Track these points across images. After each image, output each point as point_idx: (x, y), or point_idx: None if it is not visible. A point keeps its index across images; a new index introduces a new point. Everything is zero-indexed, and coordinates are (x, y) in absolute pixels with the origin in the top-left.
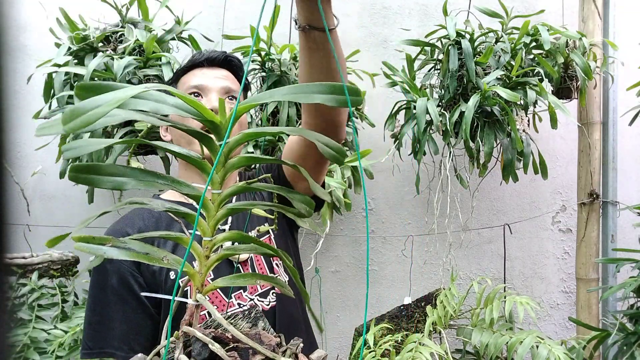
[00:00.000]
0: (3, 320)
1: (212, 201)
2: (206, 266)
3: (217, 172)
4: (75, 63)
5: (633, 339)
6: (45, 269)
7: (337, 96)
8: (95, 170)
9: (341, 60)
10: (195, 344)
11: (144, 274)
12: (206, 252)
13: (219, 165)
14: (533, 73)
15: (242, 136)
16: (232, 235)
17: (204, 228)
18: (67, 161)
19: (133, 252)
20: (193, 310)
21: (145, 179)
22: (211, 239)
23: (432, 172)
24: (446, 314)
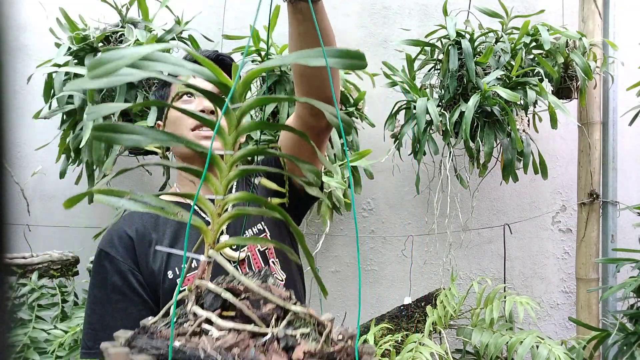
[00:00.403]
0: (3, 320)
1: (225, 162)
2: (218, 223)
3: (230, 134)
4: (75, 63)
5: (633, 339)
6: (45, 269)
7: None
8: (115, 129)
9: (328, 30)
10: (207, 297)
11: (143, 273)
12: (218, 210)
13: (232, 128)
14: (533, 73)
15: (254, 101)
16: (242, 195)
17: (217, 187)
18: (67, 161)
19: (149, 205)
20: (205, 267)
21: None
22: (223, 197)
23: (432, 172)
24: (446, 314)
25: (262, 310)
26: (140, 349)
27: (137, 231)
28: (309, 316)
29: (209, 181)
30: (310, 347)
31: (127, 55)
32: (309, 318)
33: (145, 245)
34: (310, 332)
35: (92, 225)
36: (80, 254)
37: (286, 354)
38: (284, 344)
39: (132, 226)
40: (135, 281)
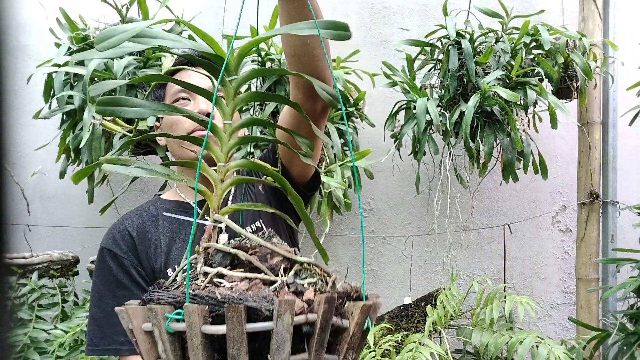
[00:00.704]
0: (3, 320)
1: (224, 131)
2: (221, 189)
3: (228, 104)
4: (75, 63)
5: (633, 339)
6: (45, 269)
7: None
8: (118, 103)
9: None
10: (215, 257)
11: (145, 269)
12: (220, 176)
13: (229, 99)
14: (533, 73)
15: (250, 72)
16: (243, 163)
17: (218, 155)
18: (67, 161)
19: (156, 172)
20: (211, 231)
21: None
22: (224, 164)
23: (432, 172)
24: (446, 314)
25: (270, 262)
26: (157, 300)
27: (137, 228)
28: (315, 267)
29: (210, 150)
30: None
31: (130, 29)
32: (315, 269)
33: (146, 242)
34: (317, 281)
35: (92, 225)
36: (80, 254)
37: (297, 297)
38: (294, 289)
39: (133, 224)
40: (139, 276)
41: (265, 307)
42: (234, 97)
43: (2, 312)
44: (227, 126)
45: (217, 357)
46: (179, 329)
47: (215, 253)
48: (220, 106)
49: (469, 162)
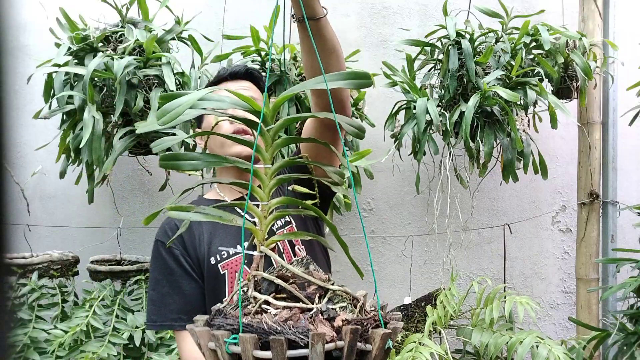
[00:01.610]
0: (3, 320)
1: (265, 174)
2: (265, 224)
3: (267, 151)
4: (75, 63)
5: (633, 339)
6: (45, 269)
7: (353, 80)
8: (178, 158)
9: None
10: (263, 284)
11: (191, 257)
12: (264, 213)
13: (268, 146)
14: (533, 73)
15: (282, 122)
16: (282, 200)
17: (261, 195)
18: (67, 161)
19: (210, 215)
20: (258, 260)
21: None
22: (267, 203)
23: (432, 172)
24: (446, 314)
25: (307, 291)
26: (219, 326)
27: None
28: (345, 293)
29: (255, 192)
30: (347, 317)
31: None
32: (345, 295)
33: (191, 234)
34: (347, 305)
35: (92, 225)
36: (80, 254)
37: (329, 323)
38: (327, 316)
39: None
40: (186, 263)
41: (302, 339)
42: (271, 144)
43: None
44: (267, 170)
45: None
46: (235, 352)
47: (262, 281)
48: (261, 153)
49: (469, 162)
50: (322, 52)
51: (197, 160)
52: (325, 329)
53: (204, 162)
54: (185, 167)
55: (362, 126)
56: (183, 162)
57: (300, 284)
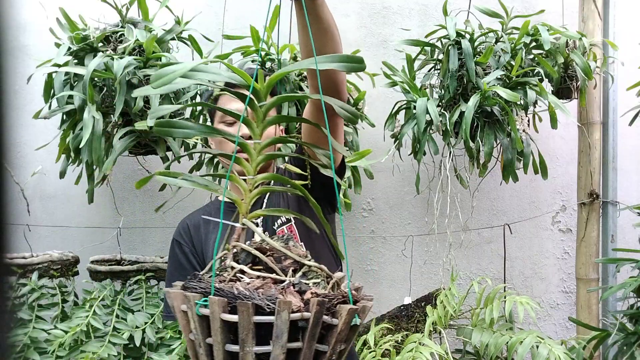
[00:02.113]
0: (3, 320)
1: (254, 149)
2: (249, 197)
3: (257, 127)
4: (75, 63)
5: (633, 339)
6: (45, 269)
7: (345, 63)
8: (172, 125)
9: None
10: (241, 254)
11: (199, 256)
12: (250, 187)
13: (259, 121)
14: (533, 73)
15: (277, 99)
16: (269, 175)
17: (248, 169)
18: (67, 161)
19: (197, 183)
20: (240, 232)
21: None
22: (253, 177)
23: (432, 172)
24: (446, 314)
25: (283, 264)
26: (192, 289)
27: (194, 225)
28: (320, 270)
29: (242, 164)
30: (318, 291)
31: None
32: (320, 271)
33: (199, 234)
34: (321, 282)
35: (92, 225)
36: (80, 254)
37: (299, 295)
38: (298, 289)
39: (192, 220)
40: (195, 261)
41: (268, 306)
42: (262, 120)
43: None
44: (256, 145)
45: (232, 337)
46: (205, 314)
47: (241, 251)
48: (251, 128)
49: (469, 162)
50: (317, 31)
51: (189, 129)
52: (294, 300)
53: (196, 131)
54: (178, 134)
55: (355, 111)
56: (176, 130)
57: (277, 257)
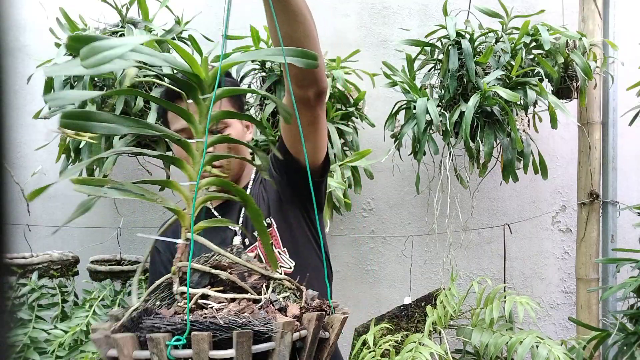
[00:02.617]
0: (3, 320)
1: (197, 149)
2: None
3: (200, 123)
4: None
5: (633, 339)
6: (45, 269)
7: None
8: (89, 117)
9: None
10: (193, 276)
11: None
12: (192, 195)
13: (202, 117)
14: (533, 73)
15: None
16: (213, 180)
17: (190, 173)
18: (67, 161)
19: (130, 193)
20: (183, 249)
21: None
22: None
23: (432, 172)
24: (446, 314)
25: (250, 281)
26: (151, 329)
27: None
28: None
29: (183, 168)
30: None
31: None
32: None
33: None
34: (290, 295)
35: (92, 225)
36: (80, 254)
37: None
38: (278, 306)
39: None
40: None
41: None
42: (206, 115)
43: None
44: (199, 145)
45: None
46: (182, 356)
47: (192, 272)
48: (193, 124)
49: (469, 162)
50: (285, 15)
51: (112, 123)
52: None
53: (123, 127)
54: (98, 130)
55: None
56: (94, 124)
57: (240, 274)
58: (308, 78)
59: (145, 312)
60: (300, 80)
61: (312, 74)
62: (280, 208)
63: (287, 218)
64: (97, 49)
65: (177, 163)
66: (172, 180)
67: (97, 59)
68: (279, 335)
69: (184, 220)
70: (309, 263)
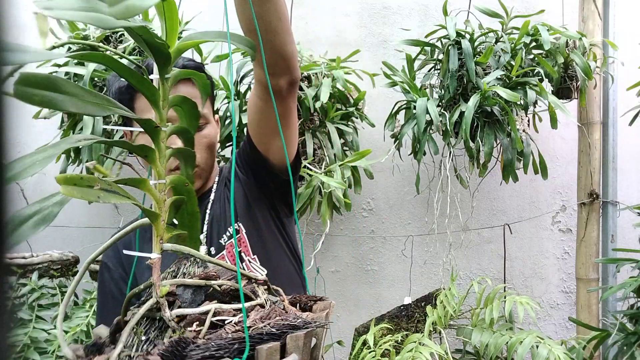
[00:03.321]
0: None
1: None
2: (165, 210)
3: (163, 108)
4: (75, 63)
5: (633, 339)
6: (45, 269)
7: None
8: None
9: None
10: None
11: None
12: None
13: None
14: (533, 73)
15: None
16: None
17: (159, 170)
18: (67, 161)
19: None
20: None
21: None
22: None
23: (432, 172)
24: (446, 314)
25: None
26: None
27: (124, 241)
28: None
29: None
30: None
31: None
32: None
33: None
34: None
35: (92, 225)
36: (80, 254)
37: None
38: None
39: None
40: (126, 287)
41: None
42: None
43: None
44: (163, 133)
45: None
46: None
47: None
48: (157, 108)
49: (469, 162)
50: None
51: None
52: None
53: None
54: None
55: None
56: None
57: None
58: (280, 65)
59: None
60: (271, 67)
61: (285, 61)
62: (248, 211)
63: (255, 222)
64: None
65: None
66: (144, 179)
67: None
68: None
69: (157, 228)
70: (280, 269)
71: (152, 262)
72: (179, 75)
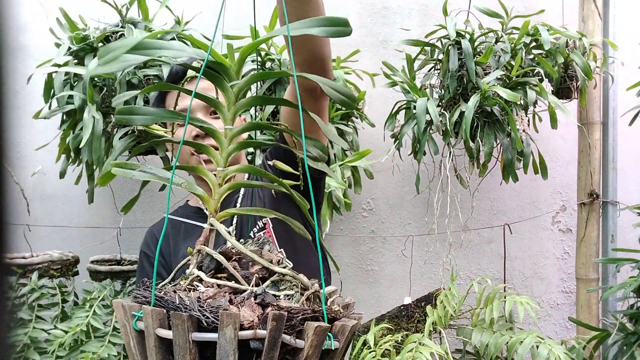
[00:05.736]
0: (3, 320)
1: (225, 136)
2: (219, 193)
3: (229, 110)
4: (75, 63)
5: (633, 339)
6: (45, 269)
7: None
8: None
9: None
10: (205, 259)
11: (170, 268)
12: (219, 180)
13: (230, 104)
14: (533, 73)
15: (251, 77)
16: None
17: (217, 159)
18: (67, 161)
19: (157, 176)
20: (207, 234)
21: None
22: (224, 169)
23: (432, 172)
24: (446, 314)
25: (250, 271)
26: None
27: (165, 234)
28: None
29: (209, 153)
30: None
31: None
32: (294, 281)
33: (168, 245)
34: (295, 293)
35: (92, 225)
36: (80, 254)
37: (261, 308)
38: (260, 300)
39: (159, 229)
40: (166, 273)
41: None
42: (234, 103)
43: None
44: (227, 131)
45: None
46: (142, 329)
47: (205, 256)
48: (222, 112)
49: (469, 162)
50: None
51: (149, 115)
52: (247, 313)
53: (155, 117)
54: (138, 121)
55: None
56: (136, 117)
57: (245, 264)
58: (316, 66)
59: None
60: (308, 66)
61: (321, 62)
62: (277, 207)
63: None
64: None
65: (204, 150)
66: (199, 166)
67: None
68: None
69: (209, 206)
70: (307, 264)
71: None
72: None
